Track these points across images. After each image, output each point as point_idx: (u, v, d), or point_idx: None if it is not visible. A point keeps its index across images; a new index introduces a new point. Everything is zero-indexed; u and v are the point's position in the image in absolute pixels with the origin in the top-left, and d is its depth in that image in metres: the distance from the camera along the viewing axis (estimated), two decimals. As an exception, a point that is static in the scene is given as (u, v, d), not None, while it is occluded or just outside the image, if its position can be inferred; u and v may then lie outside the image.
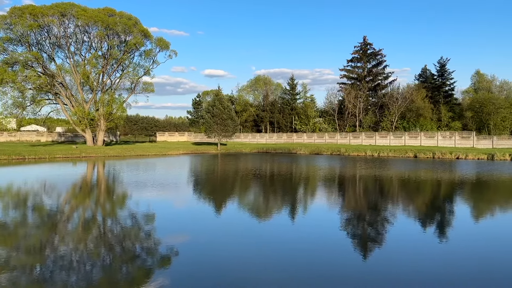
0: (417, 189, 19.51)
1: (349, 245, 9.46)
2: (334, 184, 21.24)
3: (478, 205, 15.58)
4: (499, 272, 7.54)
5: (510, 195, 18.08)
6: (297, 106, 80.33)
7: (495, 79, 73.84)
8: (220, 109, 54.64)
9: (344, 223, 11.80)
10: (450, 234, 10.61)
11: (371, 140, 62.44)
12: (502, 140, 52.43)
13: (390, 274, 7.47)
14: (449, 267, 7.82)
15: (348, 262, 8.15)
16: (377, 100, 73.19)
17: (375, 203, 15.48)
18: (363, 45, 74.03)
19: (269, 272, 7.54)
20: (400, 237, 10.21)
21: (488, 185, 20.72)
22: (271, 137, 73.91)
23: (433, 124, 65.14)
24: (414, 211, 14.12)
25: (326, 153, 48.76)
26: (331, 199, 16.41)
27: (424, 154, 43.17)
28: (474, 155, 40.93)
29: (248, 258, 8.33)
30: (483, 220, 12.82)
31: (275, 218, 12.50)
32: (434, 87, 70.34)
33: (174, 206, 14.81)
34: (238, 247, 9.12)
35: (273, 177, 23.66)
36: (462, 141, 55.06)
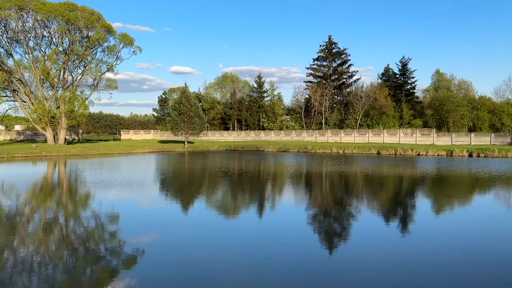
0: (380, 185, 20.08)
1: (316, 241, 9.62)
2: (301, 181, 21.51)
3: (438, 199, 16.23)
4: (459, 265, 7.89)
5: (468, 190, 18.95)
6: (264, 104, 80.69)
7: (454, 78, 77.04)
8: (187, 106, 54.04)
9: (312, 220, 11.98)
10: (412, 228, 11.00)
11: (336, 138, 63.67)
12: (460, 137, 54.83)
13: (356, 269, 7.65)
14: (412, 261, 8.10)
15: (315, 258, 8.28)
16: (342, 98, 74.69)
17: (341, 199, 15.81)
18: (329, 44, 75.26)
19: (237, 270, 7.55)
20: (364, 232, 10.48)
21: (447, 180, 21.62)
22: (239, 135, 73.90)
23: (395, 122, 67.21)
24: (378, 206, 14.53)
25: (293, 150, 49.30)
26: (298, 196, 16.61)
27: (387, 151, 44.48)
28: (434, 151, 42.58)
29: (215, 257, 8.30)
30: (443, 214, 13.37)
31: (243, 216, 12.52)
32: (396, 85, 72.55)
33: (140, 205, 14.54)
34: (205, 246, 9.07)
35: (241, 175, 23.68)
36: (422, 138, 57.14)
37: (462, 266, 7.70)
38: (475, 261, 8.04)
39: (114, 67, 57.57)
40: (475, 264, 7.82)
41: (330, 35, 76.45)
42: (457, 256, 8.33)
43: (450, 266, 7.69)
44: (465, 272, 7.40)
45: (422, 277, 7.14)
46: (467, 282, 6.91)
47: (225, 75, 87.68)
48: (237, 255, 8.39)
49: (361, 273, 7.35)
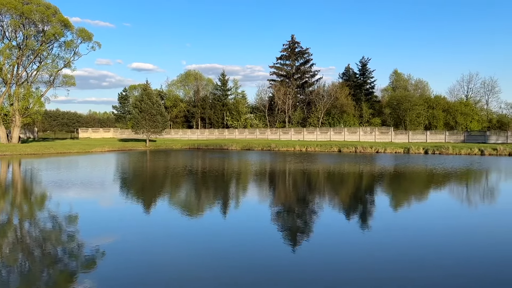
0: (341, 182, 20.60)
1: (279, 238, 9.74)
2: (265, 179, 21.68)
3: (396, 195, 16.87)
4: (419, 259, 8.25)
5: (424, 186, 19.79)
6: (228, 102, 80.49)
7: (411, 78, 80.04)
8: (149, 104, 52.99)
9: (275, 217, 12.11)
10: (372, 224, 11.37)
11: (299, 136, 64.57)
12: (416, 135, 57.10)
13: (318, 265, 7.82)
14: (372, 256, 8.38)
15: (278, 254, 8.38)
16: (305, 97, 75.81)
17: (304, 196, 16.08)
18: (291, 43, 76.10)
19: (201, 270, 7.52)
20: (326, 229, 10.72)
21: (404, 176, 22.49)
22: (203, 133, 73.32)
23: (355, 120, 69.03)
24: (339, 203, 14.90)
25: (257, 148, 49.54)
26: (261, 194, 16.73)
27: (348, 148, 45.63)
28: (392, 149, 44.12)
29: (178, 257, 8.23)
30: (401, 209, 13.90)
31: (206, 215, 12.47)
32: (356, 85, 74.48)
33: (100, 206, 14.13)
34: (168, 246, 8.97)
35: (205, 173, 23.54)
36: (381, 136, 59.04)
37: (421, 261, 8.05)
38: (431, 255, 8.42)
39: (72, 63, 55.57)
40: (430, 259, 8.20)
41: (293, 35, 77.36)
42: (415, 251, 8.69)
43: (407, 261, 8.01)
44: (422, 266, 7.75)
45: (382, 271, 7.40)
46: (424, 275, 7.24)
47: (188, 73, 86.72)
48: (200, 254, 8.35)
49: (323, 268, 7.52)
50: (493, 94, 70.48)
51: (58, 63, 54.89)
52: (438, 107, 66.27)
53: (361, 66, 75.38)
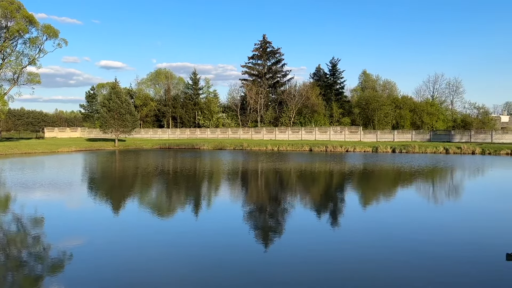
0: (312, 181, 20.85)
1: (252, 237, 9.76)
2: (237, 178, 21.66)
3: (366, 193, 17.24)
4: (389, 253, 8.46)
5: (392, 184, 20.31)
6: (200, 101, 79.87)
7: (379, 79, 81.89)
8: (118, 103, 51.86)
9: (247, 216, 12.12)
10: (342, 222, 11.58)
11: (271, 135, 64.93)
12: (384, 134, 58.51)
13: (290, 263, 7.88)
14: (343, 251, 8.53)
15: (250, 254, 8.40)
16: (276, 97, 76.25)
17: (276, 195, 16.17)
18: (263, 43, 76.36)
19: (170, 271, 7.43)
20: (298, 228, 10.83)
21: (373, 175, 23.01)
22: (174, 133, 72.47)
23: (326, 120, 70.06)
24: (310, 201, 15.09)
25: (229, 148, 49.45)
26: (233, 194, 16.71)
27: (318, 147, 46.26)
28: (361, 148, 45.06)
29: (148, 259, 8.10)
30: (370, 207, 14.21)
31: (177, 216, 12.34)
32: (327, 85, 75.56)
33: (66, 208, 13.71)
34: (137, 248, 8.81)
35: (176, 174, 23.28)
36: (351, 135, 60.17)
37: (391, 255, 8.26)
38: (399, 251, 8.66)
39: (37, 60, 53.57)
40: (399, 254, 8.43)
41: (264, 34, 77.55)
42: (385, 247, 8.91)
43: (378, 258, 8.20)
44: (393, 260, 7.95)
45: (353, 268, 7.54)
46: (396, 269, 7.43)
47: (158, 71, 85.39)
48: (171, 257, 8.25)
49: (294, 267, 7.59)
50: (458, 94, 73.25)
51: (22, 60, 52.88)
52: (405, 107, 68.17)
53: (331, 67, 76.56)
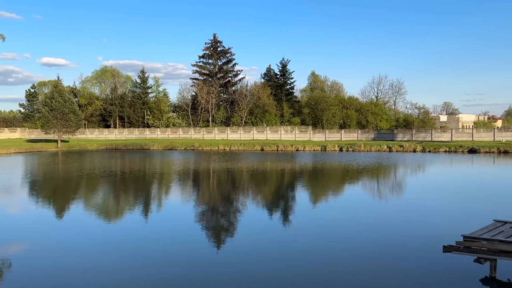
0: (264, 180, 21.04)
1: (204, 237, 9.67)
2: (188, 179, 21.37)
3: (315, 191, 17.67)
4: (336, 249, 8.71)
5: (340, 181, 20.98)
6: (149, 100, 77.85)
7: (327, 80, 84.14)
8: (61, 102, 49.32)
9: (199, 217, 12.00)
10: (293, 218, 11.79)
11: (223, 135, 64.77)
12: (332, 133, 60.33)
13: (242, 262, 7.90)
14: (295, 248, 8.68)
15: (203, 257, 8.31)
16: (228, 96, 76.14)
17: (228, 195, 16.14)
18: (214, 42, 75.91)
19: (116, 277, 7.17)
20: (250, 226, 10.88)
21: (322, 173, 23.65)
22: (122, 133, 70.14)
23: (277, 120, 71.01)
24: (262, 199, 15.21)
25: (180, 148, 48.70)
26: (184, 195, 16.47)
27: (270, 147, 46.79)
28: (311, 147, 46.16)
29: (91, 264, 7.77)
30: (319, 204, 14.59)
31: (125, 219, 11.95)
32: (277, 85, 76.60)
33: (5, 213, 12.82)
34: (81, 253, 8.42)
35: (124, 175, 22.53)
36: (301, 134, 61.46)
37: (342, 252, 8.52)
38: (350, 246, 8.96)
39: (-32, 55, 49.61)
40: (349, 250, 8.71)
41: (215, 34, 77.10)
42: (336, 244, 9.17)
43: (329, 255, 8.43)
44: (343, 257, 8.20)
45: (307, 266, 7.69)
46: (345, 265, 7.68)
47: (104, 69, 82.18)
48: (117, 261, 7.97)
49: (249, 267, 7.61)
50: (400, 95, 77.00)
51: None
52: (352, 107, 70.68)
53: (282, 67, 77.70)
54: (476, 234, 6.80)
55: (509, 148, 38.34)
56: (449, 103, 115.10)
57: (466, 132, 55.24)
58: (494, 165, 28.26)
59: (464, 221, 10.51)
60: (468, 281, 6.65)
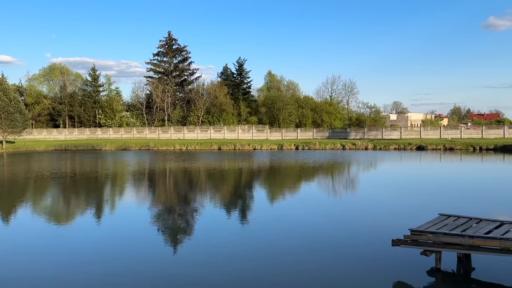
0: (222, 179, 21.01)
1: (160, 239, 9.51)
2: (144, 179, 20.91)
3: (272, 189, 17.88)
4: (291, 246, 8.86)
5: (296, 179, 21.36)
6: (101, 99, 75.21)
7: (283, 79, 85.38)
8: (5, 101, 46.56)
9: (155, 218, 11.78)
10: (250, 217, 11.87)
11: (179, 134, 63.87)
12: (289, 132, 61.26)
13: (198, 263, 7.85)
14: (250, 246, 8.75)
15: (159, 258, 8.18)
16: (184, 95, 75.12)
17: (185, 195, 15.97)
18: (169, 40, 74.60)
19: (67, 279, 6.92)
20: (208, 227, 10.83)
21: (279, 171, 23.97)
22: (72, 133, 67.31)
23: (234, 119, 71.05)
24: (220, 200, 15.19)
25: (135, 148, 47.47)
26: (139, 196, 16.11)
27: (227, 146, 46.73)
28: (268, 145, 46.61)
29: (41, 267, 7.44)
30: (276, 202, 14.78)
31: (76, 223, 11.51)
32: (234, 84, 76.65)
33: None
34: (27, 258, 8.04)
35: (75, 177, 21.64)
36: (258, 133, 61.90)
37: (298, 250, 8.69)
38: (306, 244, 9.16)
39: None
40: (306, 248, 8.91)
41: (169, 31, 75.74)
42: (292, 242, 9.34)
43: (287, 253, 8.57)
44: (301, 255, 8.37)
45: (265, 265, 7.78)
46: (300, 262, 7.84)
47: (53, 66, 78.50)
48: (69, 263, 7.68)
49: (206, 269, 7.59)
50: (353, 95, 79.47)
51: None
52: (307, 106, 72.13)
53: (238, 66, 77.80)
54: (422, 228, 7.19)
55: (454, 145, 40.75)
56: (398, 102, 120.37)
57: (414, 130, 58.05)
58: (440, 161, 29.91)
59: (412, 215, 11.04)
60: (415, 273, 7.02)
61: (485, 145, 39.80)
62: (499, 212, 11.27)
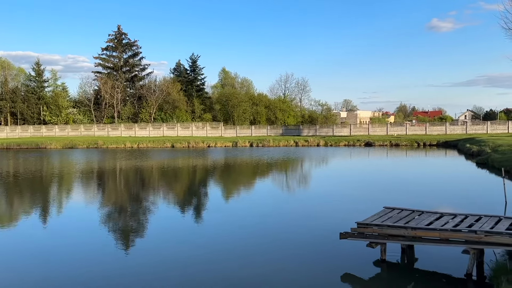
0: (175, 177, 20.70)
1: (111, 241, 9.22)
2: (92, 179, 20.14)
3: (227, 186, 17.87)
4: (243, 242, 8.91)
5: (251, 175, 21.48)
6: (45, 95, 71.39)
7: (238, 76, 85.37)
8: None
9: (104, 219, 11.40)
10: (205, 216, 11.80)
11: (130, 132, 62.14)
12: (243, 129, 61.45)
13: (152, 265, 7.70)
14: (207, 247, 8.70)
15: (108, 260, 7.93)
16: (135, 91, 73.03)
17: (137, 195, 15.57)
18: (118, 34, 72.15)
19: (14, 286, 6.55)
20: (161, 226, 10.64)
21: (234, 168, 23.99)
22: (14, 130, 63.46)
23: (188, 116, 70.11)
24: (174, 198, 14.96)
25: (82, 146, 45.56)
26: (88, 196, 15.51)
27: (181, 143, 46.08)
28: (222, 143, 46.49)
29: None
30: (232, 200, 14.79)
31: (19, 226, 10.90)
32: (187, 81, 75.57)
33: None
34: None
35: (17, 177, 20.42)
36: (212, 131, 61.57)
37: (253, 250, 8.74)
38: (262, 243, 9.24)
39: None
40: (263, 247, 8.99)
41: (119, 25, 73.22)
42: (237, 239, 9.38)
43: (243, 253, 8.60)
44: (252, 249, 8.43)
45: (216, 266, 7.76)
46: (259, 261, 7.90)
47: (-8, 60, 73.45)
48: (8, 267, 7.26)
49: (158, 267, 7.45)
50: (305, 92, 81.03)
51: None
52: (261, 104, 72.66)
53: (192, 63, 76.79)
54: (368, 221, 7.49)
55: (400, 142, 42.77)
56: (348, 100, 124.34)
57: (363, 127, 60.26)
58: (387, 157, 31.28)
59: (360, 208, 11.45)
60: (362, 265, 7.30)
61: (428, 141, 42.13)
62: (439, 205, 11.98)
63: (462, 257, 6.87)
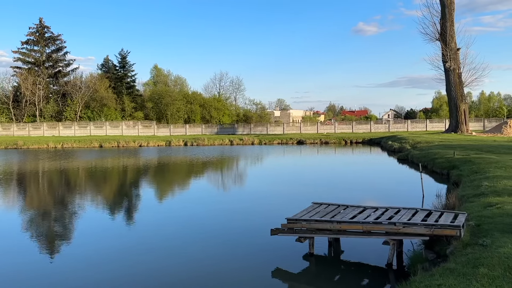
0: (103, 179, 19.81)
1: (34, 247, 8.62)
2: (11, 182, 18.61)
3: (159, 187, 17.47)
4: (180, 241, 8.79)
5: (184, 175, 21.19)
6: (-46, 91, 64.58)
7: (171, 74, 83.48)
8: None
9: (27, 225, 10.62)
10: (136, 217, 11.45)
11: (54, 131, 58.33)
12: (177, 128, 60.39)
13: (81, 270, 7.34)
14: (132, 245, 8.45)
15: (34, 268, 7.42)
16: (59, 88, 68.54)
17: (61, 198, 14.68)
18: (40, 27, 67.26)
19: None
20: (88, 229, 10.15)
21: (167, 168, 23.50)
22: None
23: (117, 114, 67.25)
24: (102, 200, 14.32)
25: (0, 147, 41.88)
26: (6, 200, 14.33)
27: (110, 143, 44.16)
28: (155, 142, 45.31)
29: None
30: (165, 201, 14.48)
31: None
32: (117, 77, 72.44)
33: None
34: None
35: None
36: (144, 129, 59.75)
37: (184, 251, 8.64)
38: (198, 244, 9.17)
39: None
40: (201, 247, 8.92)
41: (41, 18, 68.30)
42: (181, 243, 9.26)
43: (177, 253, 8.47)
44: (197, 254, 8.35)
45: (152, 268, 7.58)
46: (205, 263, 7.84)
47: None
48: None
49: (89, 272, 7.12)
50: (240, 91, 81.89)
51: None
52: (196, 102, 71.84)
53: (121, 59, 73.74)
54: (297, 216, 7.78)
55: (329, 139, 44.76)
56: (282, 99, 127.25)
57: (295, 126, 62.10)
58: (317, 154, 32.55)
59: (290, 204, 11.80)
60: (292, 259, 7.56)
61: (355, 139, 44.56)
62: (363, 199, 12.75)
63: (384, 248, 7.39)
